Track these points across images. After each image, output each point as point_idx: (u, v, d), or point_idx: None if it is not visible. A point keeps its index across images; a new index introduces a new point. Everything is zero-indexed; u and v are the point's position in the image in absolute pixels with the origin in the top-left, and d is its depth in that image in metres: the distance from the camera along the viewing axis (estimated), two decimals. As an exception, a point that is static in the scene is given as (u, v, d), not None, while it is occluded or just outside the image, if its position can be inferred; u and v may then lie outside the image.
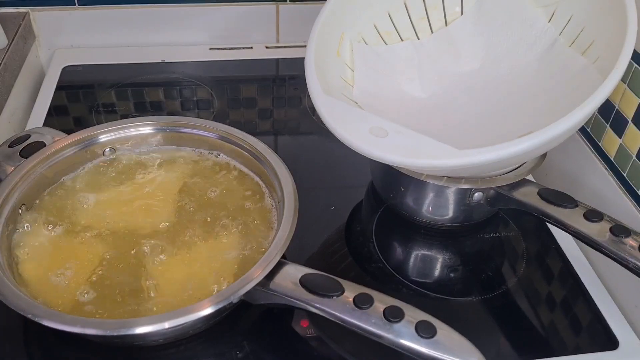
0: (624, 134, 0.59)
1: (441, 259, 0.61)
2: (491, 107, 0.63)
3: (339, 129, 0.50)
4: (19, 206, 0.54)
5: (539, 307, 0.56)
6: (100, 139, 0.60)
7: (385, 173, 0.62)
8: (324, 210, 0.64)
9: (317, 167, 0.70)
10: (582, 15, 0.58)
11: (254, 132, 0.61)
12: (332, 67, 0.61)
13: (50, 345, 0.50)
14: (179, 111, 0.78)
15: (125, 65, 0.85)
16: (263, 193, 0.58)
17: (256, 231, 0.54)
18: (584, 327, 0.54)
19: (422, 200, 0.60)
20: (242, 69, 0.87)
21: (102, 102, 0.78)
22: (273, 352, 0.50)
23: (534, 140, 0.46)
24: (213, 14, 0.88)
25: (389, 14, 0.66)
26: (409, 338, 0.42)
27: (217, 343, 0.50)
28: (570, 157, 0.68)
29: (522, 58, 0.63)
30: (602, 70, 0.51)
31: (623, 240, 0.49)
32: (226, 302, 0.44)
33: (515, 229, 0.63)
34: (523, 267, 0.59)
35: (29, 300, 0.45)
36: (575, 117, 0.46)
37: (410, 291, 0.56)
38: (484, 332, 0.53)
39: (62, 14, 0.85)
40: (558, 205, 0.53)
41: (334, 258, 0.59)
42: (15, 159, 0.56)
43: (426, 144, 0.48)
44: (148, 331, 0.43)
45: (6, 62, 0.74)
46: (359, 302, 0.44)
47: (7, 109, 0.73)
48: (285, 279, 0.47)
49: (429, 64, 0.67)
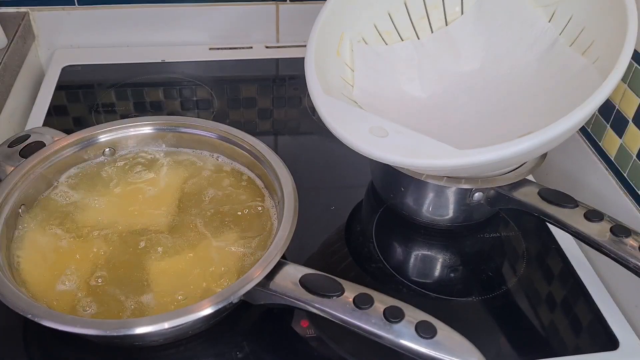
0: (624, 134, 0.59)
1: (441, 259, 0.61)
2: (491, 107, 0.63)
3: (339, 128, 0.50)
4: (18, 206, 0.54)
5: (539, 307, 0.56)
6: (99, 139, 0.60)
7: (385, 173, 0.62)
8: (324, 210, 0.64)
9: (317, 167, 0.70)
10: (582, 15, 0.58)
11: (254, 132, 0.61)
12: (332, 67, 0.61)
13: (50, 345, 0.50)
14: (178, 111, 0.78)
15: (125, 65, 0.85)
16: (263, 193, 0.58)
17: (256, 231, 0.54)
18: (584, 327, 0.54)
19: (422, 200, 0.60)
20: (242, 69, 0.87)
21: (102, 102, 0.78)
22: (273, 352, 0.50)
23: (534, 140, 0.46)
24: (213, 14, 0.88)
25: (389, 13, 0.66)
26: (409, 338, 0.42)
27: (217, 343, 0.50)
28: (571, 157, 0.68)
29: (522, 58, 0.63)
30: (602, 70, 0.51)
31: (623, 240, 0.49)
32: (226, 302, 0.44)
33: (515, 229, 0.63)
34: (523, 267, 0.59)
35: (29, 300, 0.45)
36: (576, 117, 0.46)
37: (410, 291, 0.56)
38: (484, 332, 0.53)
39: (62, 14, 0.85)
40: (558, 205, 0.53)
41: (334, 258, 0.59)
42: (14, 159, 0.56)
43: (426, 144, 0.48)
44: (148, 331, 0.43)
45: (6, 62, 0.74)
46: (359, 303, 0.44)
47: (6, 108, 0.73)
48: (285, 279, 0.47)
49: (429, 63, 0.67)
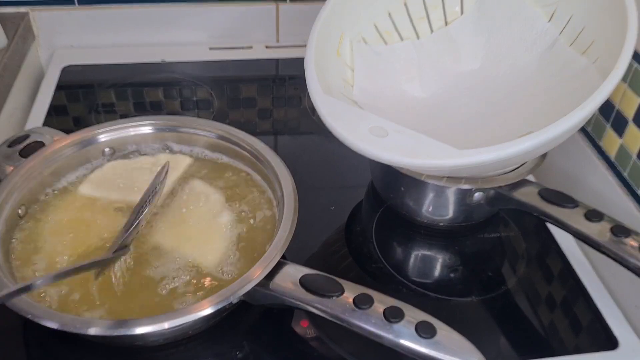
0: (624, 134, 0.59)
1: (441, 259, 0.61)
2: (491, 107, 0.63)
3: (339, 128, 0.50)
4: (18, 206, 0.54)
5: (539, 307, 0.56)
6: (99, 139, 0.60)
7: (385, 173, 0.62)
8: (324, 210, 0.64)
9: (317, 167, 0.70)
10: (582, 15, 0.57)
11: (253, 132, 0.61)
12: (332, 67, 0.61)
13: (50, 345, 0.50)
14: (178, 111, 0.78)
15: (125, 65, 0.85)
16: (263, 193, 0.58)
17: (256, 231, 0.54)
18: (584, 327, 0.54)
19: (422, 200, 0.60)
20: (242, 69, 0.87)
21: (102, 102, 0.78)
22: (273, 352, 0.50)
23: (534, 140, 0.46)
24: (213, 14, 0.88)
25: (389, 13, 0.66)
26: (409, 338, 0.43)
27: (217, 343, 0.50)
28: (571, 157, 0.68)
29: (522, 58, 0.63)
30: (602, 70, 0.51)
31: (623, 240, 0.49)
32: (226, 302, 0.44)
33: (515, 229, 0.63)
34: (523, 267, 0.59)
35: (29, 300, 0.45)
36: (576, 117, 0.46)
37: (410, 291, 0.56)
38: (484, 332, 0.53)
39: (62, 14, 0.85)
40: (558, 206, 0.53)
41: (334, 258, 0.59)
42: (14, 159, 0.56)
43: (426, 144, 0.48)
44: (148, 331, 0.43)
45: (6, 62, 0.74)
46: (359, 303, 0.44)
47: (6, 108, 0.73)
48: (285, 279, 0.47)
49: (429, 63, 0.67)
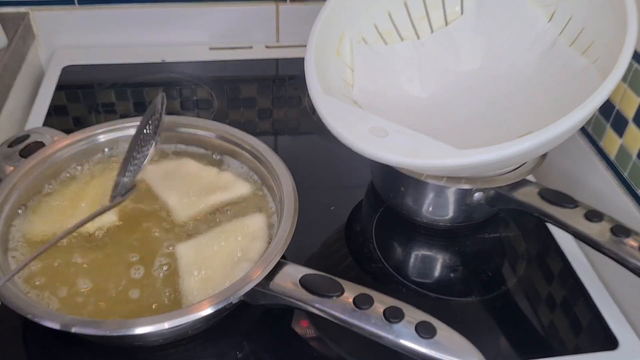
0: (624, 134, 0.59)
1: (441, 259, 0.61)
2: (491, 107, 0.63)
3: (339, 128, 0.50)
4: (18, 206, 0.54)
5: (539, 307, 0.56)
6: (99, 139, 0.60)
7: (385, 173, 0.62)
8: (324, 210, 0.64)
9: (317, 167, 0.70)
10: (582, 15, 0.57)
11: (253, 132, 0.61)
12: (332, 67, 0.61)
13: (50, 345, 0.50)
14: (178, 111, 0.78)
15: (125, 65, 0.85)
16: (263, 193, 0.58)
17: (256, 231, 0.54)
18: (584, 327, 0.54)
19: (422, 200, 0.60)
20: (242, 69, 0.87)
21: (102, 102, 0.78)
22: (273, 352, 0.50)
23: (534, 140, 0.46)
24: (213, 14, 0.88)
25: (389, 13, 0.66)
26: (409, 338, 0.43)
27: (217, 343, 0.50)
28: (571, 157, 0.68)
29: (522, 58, 0.63)
30: (602, 70, 0.51)
31: (623, 241, 0.49)
32: (226, 302, 0.44)
33: (515, 229, 0.63)
34: (523, 268, 0.59)
35: (29, 300, 0.45)
36: (576, 117, 0.46)
37: (410, 291, 0.56)
38: (484, 332, 0.53)
39: (62, 14, 0.85)
40: (558, 206, 0.53)
41: (334, 258, 0.59)
42: (14, 159, 0.56)
43: (426, 144, 0.48)
44: (148, 331, 0.43)
45: (6, 62, 0.74)
46: (359, 303, 0.44)
47: (6, 108, 0.73)
48: (285, 279, 0.47)
49: (429, 63, 0.67)
